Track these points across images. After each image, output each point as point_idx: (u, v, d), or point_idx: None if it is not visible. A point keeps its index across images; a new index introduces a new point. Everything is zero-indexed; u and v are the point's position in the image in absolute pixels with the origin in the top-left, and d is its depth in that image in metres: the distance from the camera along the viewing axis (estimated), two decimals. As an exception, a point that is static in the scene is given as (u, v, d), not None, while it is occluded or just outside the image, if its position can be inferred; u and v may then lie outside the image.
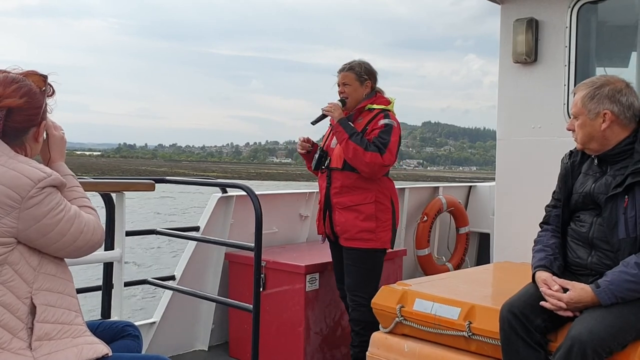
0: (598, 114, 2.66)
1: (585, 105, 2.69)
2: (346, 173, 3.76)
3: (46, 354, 1.94)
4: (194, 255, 4.40)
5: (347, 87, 3.84)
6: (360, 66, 3.85)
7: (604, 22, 4.42)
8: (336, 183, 3.80)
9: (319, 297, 4.10)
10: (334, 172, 3.82)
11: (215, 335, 4.56)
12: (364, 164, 3.63)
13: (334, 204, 3.82)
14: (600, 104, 2.66)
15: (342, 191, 3.79)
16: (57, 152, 2.25)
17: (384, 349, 3.18)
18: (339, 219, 3.80)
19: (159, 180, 3.72)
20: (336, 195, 3.81)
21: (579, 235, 2.75)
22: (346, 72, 3.85)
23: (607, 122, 2.65)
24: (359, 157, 3.62)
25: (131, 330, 2.40)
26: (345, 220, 3.77)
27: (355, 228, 3.74)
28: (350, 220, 3.75)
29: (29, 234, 1.94)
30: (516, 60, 4.35)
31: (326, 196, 3.86)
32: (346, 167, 3.75)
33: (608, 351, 2.37)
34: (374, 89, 3.90)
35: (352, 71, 3.84)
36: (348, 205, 3.77)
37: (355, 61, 3.90)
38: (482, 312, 2.87)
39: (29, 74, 2.11)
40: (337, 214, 3.81)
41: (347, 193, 3.77)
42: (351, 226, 3.75)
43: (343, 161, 3.75)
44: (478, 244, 6.42)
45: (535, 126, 4.32)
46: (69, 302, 2.06)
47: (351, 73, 3.84)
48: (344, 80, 3.85)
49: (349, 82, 3.83)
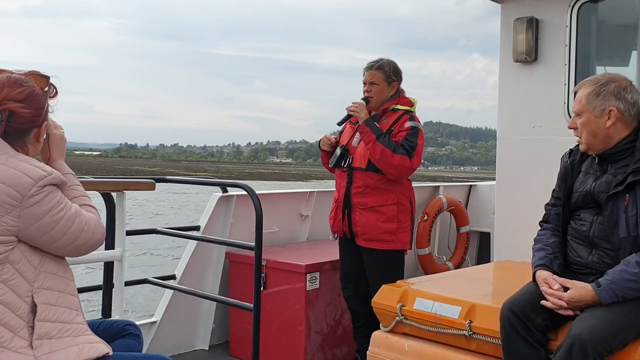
0: (603, 110, 2.66)
1: (590, 102, 2.68)
2: (369, 173, 3.71)
3: (47, 352, 1.94)
4: (195, 255, 4.40)
5: (374, 87, 3.78)
6: (389, 66, 3.79)
7: (604, 21, 4.42)
8: (358, 183, 3.75)
9: (319, 296, 4.10)
10: (356, 172, 3.77)
11: (215, 335, 4.56)
12: (392, 167, 3.61)
13: (355, 204, 3.77)
14: (606, 100, 2.65)
15: (364, 191, 3.74)
16: (57, 151, 2.26)
17: (384, 348, 3.18)
18: (360, 220, 3.75)
19: (160, 180, 3.72)
20: (357, 195, 3.76)
21: (579, 234, 2.75)
22: (374, 70, 3.79)
23: (613, 119, 2.65)
24: (386, 159, 3.59)
25: (132, 330, 2.40)
26: (366, 221, 3.73)
27: (377, 229, 3.71)
28: (372, 221, 3.71)
29: (29, 232, 1.94)
30: (516, 60, 4.35)
31: (346, 195, 3.80)
32: (370, 167, 3.71)
33: (609, 350, 2.37)
34: (398, 89, 3.86)
35: (381, 70, 3.78)
36: (370, 206, 3.72)
37: (383, 60, 3.83)
38: (483, 311, 2.87)
39: (32, 75, 2.11)
40: (357, 214, 3.76)
41: (369, 194, 3.73)
42: (372, 227, 3.71)
43: (367, 161, 3.71)
44: (478, 243, 6.42)
45: (535, 125, 4.32)
46: (70, 300, 2.06)
47: (380, 72, 3.78)
48: (371, 79, 3.78)
49: (376, 81, 3.78)
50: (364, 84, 3.83)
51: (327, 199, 5.23)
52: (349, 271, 3.95)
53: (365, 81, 3.83)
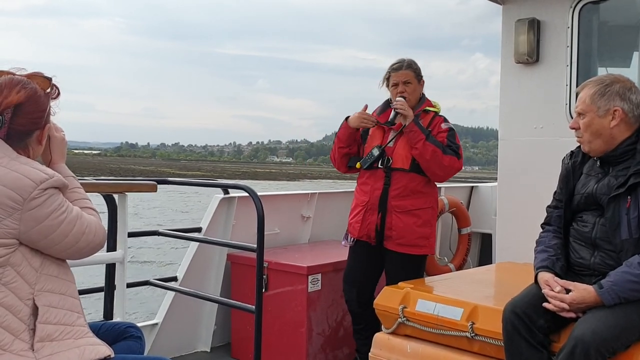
0: (608, 111, 2.65)
1: (595, 102, 2.67)
2: (412, 175, 3.63)
3: (48, 355, 1.94)
4: (196, 256, 4.40)
5: (409, 86, 3.74)
6: (416, 64, 3.78)
7: (606, 22, 4.42)
8: (398, 184, 3.64)
9: (321, 298, 4.10)
10: (396, 173, 3.65)
11: (217, 337, 4.56)
12: (442, 167, 3.55)
13: (392, 207, 3.64)
14: (610, 101, 2.65)
15: (404, 193, 3.63)
16: (58, 154, 2.25)
17: (386, 350, 3.18)
18: (397, 223, 3.63)
19: (162, 182, 3.72)
20: (397, 197, 3.64)
21: (581, 236, 2.74)
22: (405, 70, 3.75)
23: (617, 120, 2.64)
24: (437, 159, 3.53)
25: (133, 332, 2.39)
26: (403, 225, 3.63)
27: (414, 234, 3.62)
28: (409, 225, 3.62)
29: (30, 235, 1.94)
30: (518, 61, 4.35)
31: (382, 197, 3.67)
32: (413, 168, 3.63)
33: (611, 352, 2.36)
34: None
35: (411, 69, 3.76)
36: (408, 209, 3.63)
37: (406, 59, 3.79)
38: (485, 312, 2.87)
39: (34, 76, 2.10)
40: (394, 217, 3.64)
41: (409, 196, 3.63)
42: (409, 232, 3.62)
43: (410, 162, 3.63)
44: (480, 244, 6.41)
45: (537, 126, 4.31)
46: (71, 303, 2.06)
47: (411, 71, 3.75)
48: (405, 78, 3.74)
49: (410, 80, 3.74)
50: (395, 86, 3.77)
51: (329, 200, 5.23)
52: (357, 276, 3.84)
53: (397, 82, 3.76)
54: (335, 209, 5.29)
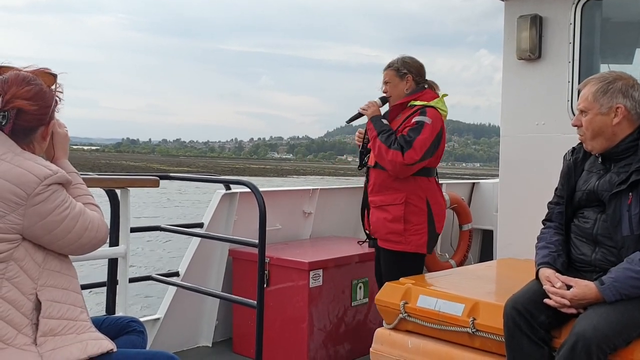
0: (610, 108, 2.65)
1: (597, 99, 2.67)
2: (378, 171, 3.72)
3: (51, 349, 1.95)
4: (198, 252, 4.41)
5: (388, 85, 3.83)
6: (398, 61, 3.82)
7: (609, 18, 4.41)
8: (371, 181, 3.79)
9: (322, 294, 4.11)
10: (371, 171, 3.82)
11: (219, 331, 4.57)
12: (386, 162, 3.58)
13: (370, 202, 3.81)
14: (613, 98, 2.65)
15: (374, 189, 3.76)
16: (61, 150, 2.26)
17: (387, 345, 3.18)
18: (372, 218, 3.78)
19: (164, 177, 3.73)
20: (372, 193, 3.79)
21: (582, 232, 2.75)
22: (385, 70, 3.86)
23: (620, 117, 2.64)
24: (382, 155, 3.59)
25: (136, 326, 2.41)
26: (376, 220, 3.74)
27: (384, 229, 3.68)
28: (380, 220, 3.70)
29: (34, 230, 1.95)
30: (520, 57, 4.34)
31: (364, 195, 3.89)
32: (377, 165, 3.72)
33: (612, 348, 2.37)
34: (419, 83, 3.82)
35: (391, 68, 3.83)
36: (379, 205, 3.72)
37: (396, 58, 3.87)
38: (486, 308, 2.87)
39: (40, 73, 2.11)
40: (371, 213, 3.80)
41: (378, 192, 3.73)
42: (381, 227, 3.70)
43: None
44: (481, 241, 6.42)
45: (539, 123, 4.31)
46: (74, 298, 2.07)
47: (390, 70, 3.83)
48: (385, 78, 3.85)
49: (389, 79, 3.82)
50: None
51: (330, 196, 5.24)
52: (377, 274, 3.95)
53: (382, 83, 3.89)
54: (336, 205, 5.30)
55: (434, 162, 3.72)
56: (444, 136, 3.77)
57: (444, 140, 3.76)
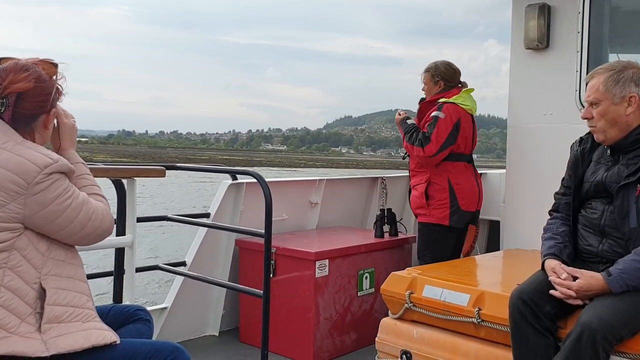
0: (624, 97, 2.62)
1: (609, 89, 2.63)
2: (411, 160, 4.44)
3: (55, 336, 1.93)
4: (205, 242, 4.42)
5: (425, 87, 4.44)
6: (435, 68, 4.38)
7: (617, 7, 4.36)
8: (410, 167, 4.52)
9: (328, 283, 4.11)
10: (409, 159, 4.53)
11: (225, 321, 4.59)
12: (414, 157, 4.32)
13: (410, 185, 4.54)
14: (626, 87, 2.61)
15: (411, 174, 4.49)
16: (68, 140, 2.25)
17: (393, 335, 3.19)
18: (411, 197, 4.46)
19: (170, 167, 3.74)
20: (411, 177, 4.53)
21: (590, 223, 2.73)
22: (423, 72, 4.46)
23: (634, 106, 2.61)
24: (410, 151, 4.32)
25: (142, 315, 2.40)
26: (412, 198, 4.43)
27: (414, 204, 4.37)
28: (414, 197, 4.39)
29: (35, 220, 1.94)
30: (528, 47, 4.31)
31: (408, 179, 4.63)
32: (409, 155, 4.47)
33: (618, 338, 2.37)
34: (449, 86, 4.33)
35: (427, 72, 4.42)
36: (413, 185, 4.43)
37: (434, 62, 4.43)
38: (492, 298, 2.88)
39: (40, 63, 2.11)
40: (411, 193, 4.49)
41: (412, 176, 4.45)
42: (413, 202, 4.40)
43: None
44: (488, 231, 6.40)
45: (546, 113, 4.29)
46: (80, 286, 2.06)
47: (427, 74, 4.43)
48: (423, 79, 4.46)
49: (425, 82, 4.44)
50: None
51: (337, 187, 5.24)
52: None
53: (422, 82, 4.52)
54: (343, 196, 5.29)
55: (459, 148, 4.23)
56: (463, 126, 4.20)
57: (463, 130, 4.20)
